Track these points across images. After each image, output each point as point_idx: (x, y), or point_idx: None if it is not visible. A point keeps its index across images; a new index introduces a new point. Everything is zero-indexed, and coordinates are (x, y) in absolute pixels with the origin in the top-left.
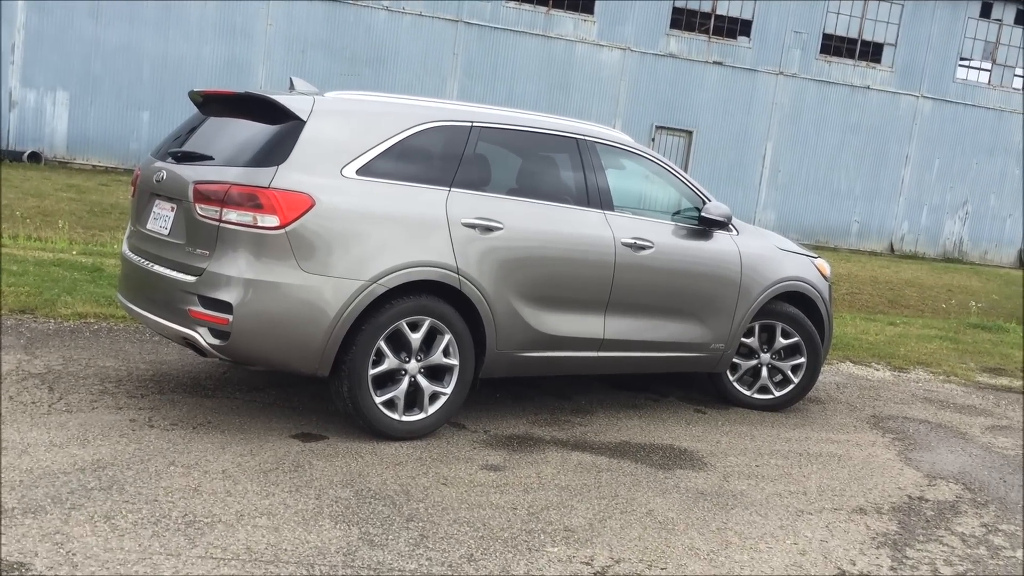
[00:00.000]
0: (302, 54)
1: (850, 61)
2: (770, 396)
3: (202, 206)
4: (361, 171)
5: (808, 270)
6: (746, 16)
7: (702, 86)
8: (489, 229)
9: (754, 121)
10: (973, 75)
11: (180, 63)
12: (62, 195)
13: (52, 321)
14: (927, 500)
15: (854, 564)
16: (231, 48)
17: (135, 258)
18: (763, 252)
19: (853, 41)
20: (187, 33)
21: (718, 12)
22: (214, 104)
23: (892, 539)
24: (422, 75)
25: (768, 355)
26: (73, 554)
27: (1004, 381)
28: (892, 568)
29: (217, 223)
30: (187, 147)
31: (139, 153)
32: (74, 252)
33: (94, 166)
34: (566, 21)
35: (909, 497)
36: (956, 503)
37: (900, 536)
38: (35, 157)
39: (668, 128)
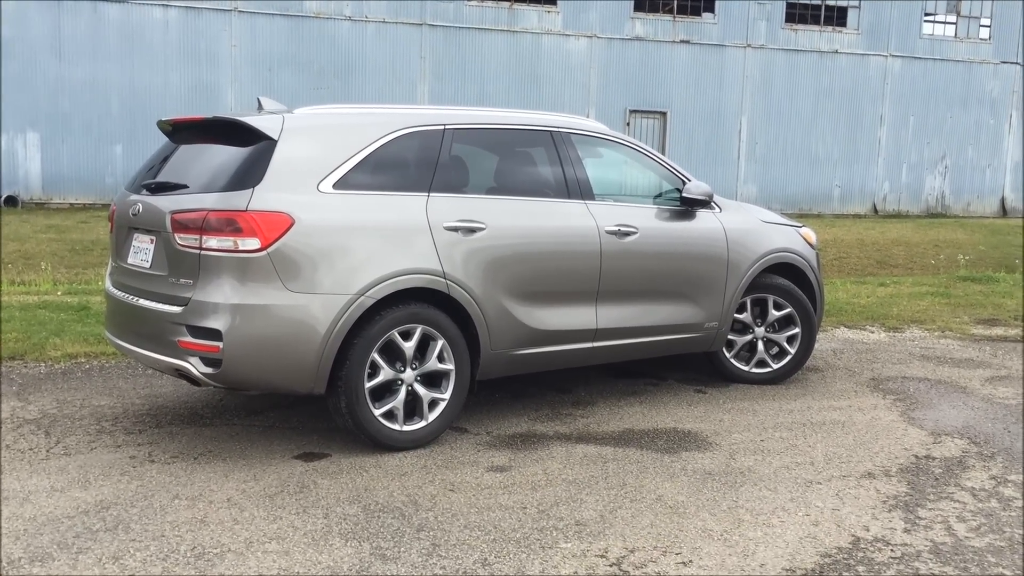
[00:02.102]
0: (269, 72)
1: (816, 27)
2: (768, 369)
3: (181, 235)
4: (338, 185)
5: (794, 240)
6: None
7: (671, 66)
8: (472, 230)
9: (726, 96)
10: (939, 29)
11: (148, 93)
12: (42, 236)
13: (43, 365)
14: (934, 458)
15: (868, 529)
16: (197, 73)
17: (119, 294)
18: (748, 226)
19: (817, 7)
20: (152, 62)
21: None
22: (184, 132)
23: (903, 501)
24: (391, 81)
25: (762, 329)
26: None
27: (999, 331)
28: (906, 530)
29: (198, 251)
30: (160, 177)
31: (115, 187)
32: (59, 293)
33: (71, 204)
34: (530, 14)
35: (916, 457)
36: (963, 458)
37: (911, 497)
38: (11, 201)
39: (642, 111)
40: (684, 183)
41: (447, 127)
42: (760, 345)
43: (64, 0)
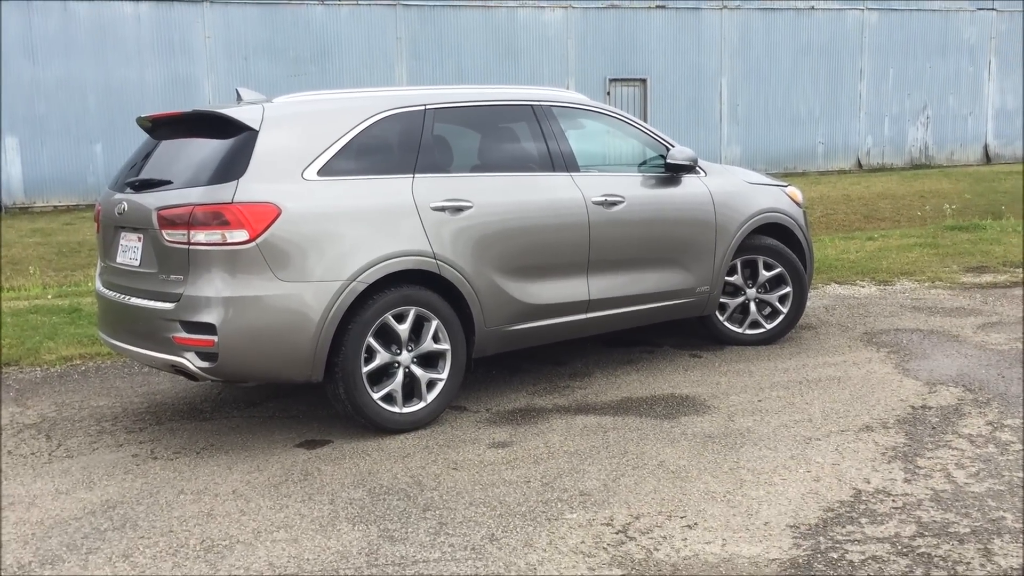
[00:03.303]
0: (245, 61)
1: None
2: (762, 330)
3: (169, 232)
4: (322, 171)
5: (780, 199)
6: None
7: (649, 32)
8: (459, 209)
9: (705, 59)
10: None
11: (124, 89)
12: (28, 241)
13: (39, 369)
14: (930, 407)
15: (868, 482)
16: (173, 66)
17: (110, 293)
18: (734, 189)
19: None
20: (126, 58)
21: None
22: (164, 127)
23: (902, 451)
24: (369, 64)
25: (754, 290)
26: None
27: (988, 278)
28: (906, 479)
29: (187, 246)
30: (144, 175)
31: (97, 186)
32: (49, 296)
33: (55, 207)
34: None
35: (912, 407)
36: (959, 406)
37: (909, 447)
38: None
39: (621, 79)
40: (668, 149)
41: (428, 107)
42: (752, 306)
43: (33, 0)
